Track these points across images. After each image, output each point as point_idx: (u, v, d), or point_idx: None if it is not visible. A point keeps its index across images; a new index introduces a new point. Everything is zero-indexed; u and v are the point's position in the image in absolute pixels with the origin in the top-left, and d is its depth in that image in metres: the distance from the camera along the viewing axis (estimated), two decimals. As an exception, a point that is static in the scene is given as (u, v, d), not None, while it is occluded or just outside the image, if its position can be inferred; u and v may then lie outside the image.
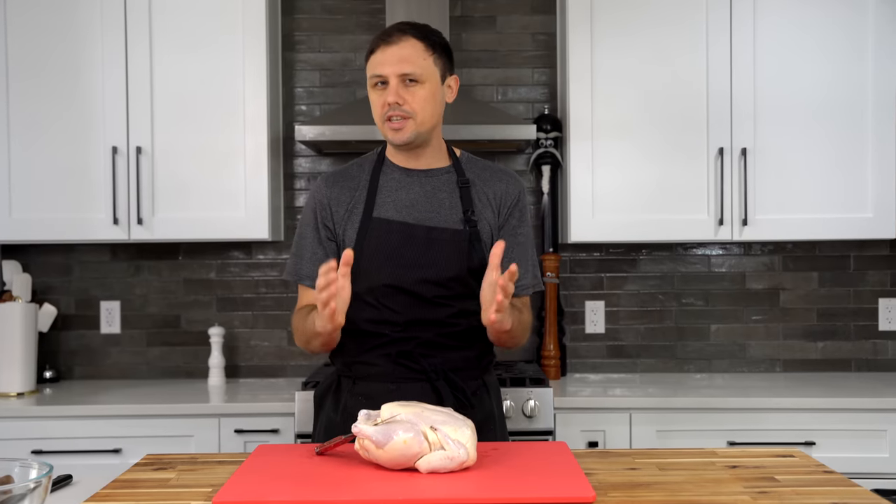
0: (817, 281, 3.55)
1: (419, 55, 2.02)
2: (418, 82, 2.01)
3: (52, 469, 1.26)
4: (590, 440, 2.97)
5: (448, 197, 2.09)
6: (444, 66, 2.08)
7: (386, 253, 2.04)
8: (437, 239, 2.04)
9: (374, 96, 2.07)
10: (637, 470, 1.73)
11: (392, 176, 2.11)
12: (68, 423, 2.95)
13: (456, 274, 2.04)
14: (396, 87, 2.01)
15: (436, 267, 2.03)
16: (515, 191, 2.14)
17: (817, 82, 3.20)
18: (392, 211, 2.07)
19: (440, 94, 2.07)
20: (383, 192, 2.09)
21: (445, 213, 2.07)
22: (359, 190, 2.10)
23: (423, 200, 2.08)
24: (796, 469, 1.74)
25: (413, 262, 2.02)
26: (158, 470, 1.75)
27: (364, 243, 2.05)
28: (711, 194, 3.21)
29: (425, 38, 2.04)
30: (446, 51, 2.09)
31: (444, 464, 1.60)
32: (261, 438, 2.95)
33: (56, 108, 3.19)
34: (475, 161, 2.17)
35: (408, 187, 2.09)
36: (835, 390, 3.12)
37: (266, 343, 3.56)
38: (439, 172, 2.12)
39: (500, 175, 2.15)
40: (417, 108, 2.02)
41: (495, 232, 2.10)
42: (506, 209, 2.11)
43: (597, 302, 3.56)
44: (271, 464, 1.71)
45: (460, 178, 2.10)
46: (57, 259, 3.54)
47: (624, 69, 3.22)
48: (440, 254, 2.03)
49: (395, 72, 2.01)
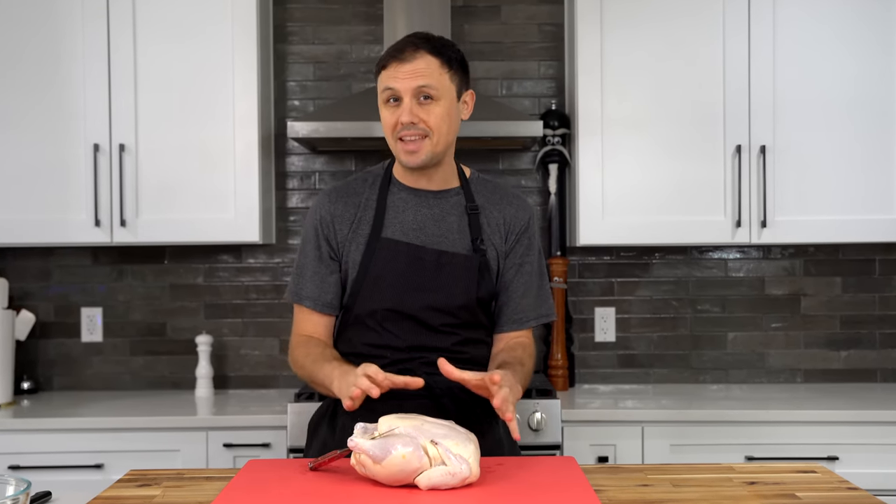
0: (840, 286, 3.55)
1: (435, 71, 2.00)
2: (434, 99, 2.00)
3: (31, 485, 1.27)
4: (599, 455, 2.97)
5: (457, 221, 2.10)
6: (461, 82, 2.07)
7: (392, 275, 2.04)
8: (448, 264, 2.05)
9: (387, 113, 2.04)
10: (649, 486, 1.73)
11: (399, 195, 2.11)
12: (47, 437, 2.94)
13: (465, 302, 2.06)
14: (411, 105, 1.99)
15: (444, 293, 2.04)
16: (525, 217, 2.15)
17: (840, 77, 3.20)
18: (399, 232, 2.07)
19: (456, 111, 2.06)
20: (390, 211, 2.09)
21: (454, 237, 2.08)
22: (363, 207, 2.10)
23: (432, 223, 2.08)
24: (818, 485, 1.74)
25: (420, 286, 2.02)
26: (143, 486, 1.75)
27: (371, 265, 2.05)
28: (728, 194, 3.21)
29: (441, 53, 2.02)
30: (462, 65, 2.07)
31: (445, 480, 1.60)
32: (251, 453, 2.95)
33: (33, 103, 3.20)
34: (485, 182, 2.17)
35: (415, 208, 2.09)
36: (859, 402, 3.12)
37: (257, 352, 3.56)
38: (448, 194, 2.12)
39: (511, 199, 2.16)
40: (434, 126, 2.00)
41: (502, 259, 2.12)
42: (513, 235, 2.13)
43: (607, 308, 3.56)
44: (262, 480, 1.71)
45: (469, 203, 2.11)
46: (35, 263, 3.54)
47: (636, 62, 3.22)
48: (449, 279, 2.04)
49: (409, 87, 1.99)
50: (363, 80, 3.54)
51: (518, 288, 2.12)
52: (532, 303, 2.14)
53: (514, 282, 2.12)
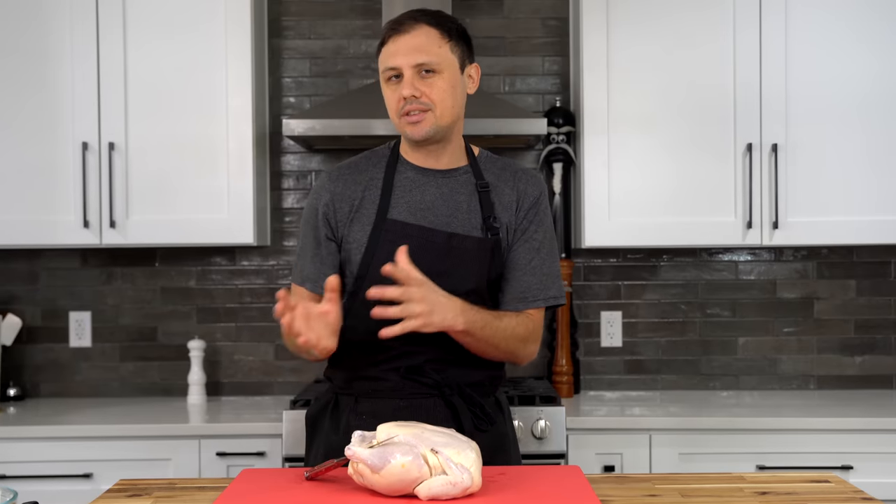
0: (855, 289, 3.55)
1: (434, 43, 2.01)
2: (435, 72, 2.01)
3: (17, 496, 1.27)
4: (606, 464, 2.97)
5: (466, 200, 2.09)
6: (463, 54, 2.08)
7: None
8: (458, 247, 2.05)
9: (389, 91, 2.05)
10: (657, 497, 1.73)
11: (406, 175, 2.11)
12: (34, 445, 2.95)
13: (475, 286, 2.05)
14: (412, 79, 2.00)
15: (454, 277, 2.02)
16: (536, 192, 2.14)
17: (855, 73, 3.20)
18: (406, 213, 2.07)
19: (460, 84, 2.07)
20: (396, 191, 2.09)
21: (463, 217, 2.08)
22: (368, 187, 2.10)
23: (441, 203, 2.08)
24: (832, 496, 1.74)
25: (428, 270, 2.01)
26: (133, 497, 1.75)
27: (377, 248, 2.05)
28: (739, 195, 3.21)
29: (440, 24, 2.04)
30: (464, 37, 2.09)
31: (446, 490, 1.60)
32: (245, 462, 2.95)
33: (20, 100, 3.20)
34: (494, 160, 2.17)
35: (423, 188, 2.09)
36: (874, 409, 3.12)
37: (251, 357, 3.56)
38: (457, 173, 2.12)
39: (521, 175, 2.16)
40: (436, 99, 2.01)
41: (511, 235, 2.11)
42: (523, 211, 2.12)
43: (613, 312, 3.56)
44: (257, 490, 1.71)
45: (479, 180, 2.11)
46: (21, 265, 3.54)
47: (643, 57, 3.22)
48: (460, 263, 2.04)
49: (409, 62, 2.00)
50: (361, 76, 3.55)
51: (523, 264, 2.09)
52: (539, 281, 2.10)
53: (521, 257, 2.09)
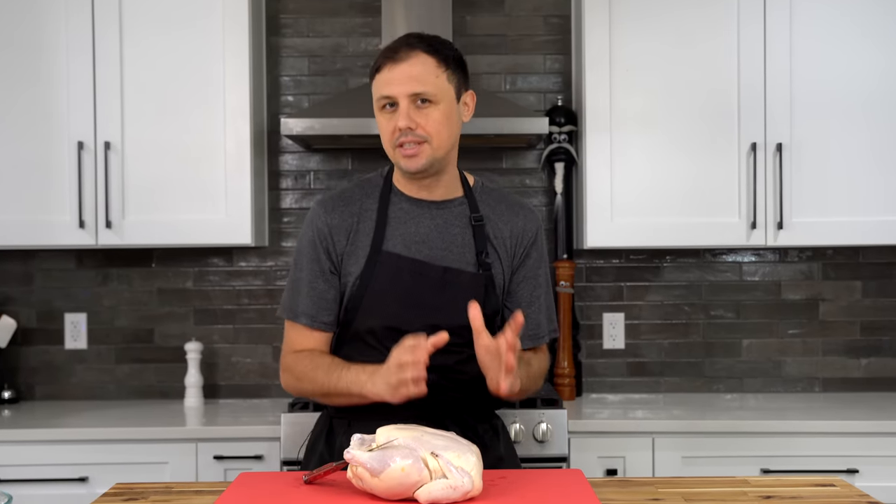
0: (861, 291, 3.55)
1: (431, 72, 2.00)
2: (432, 102, 2.00)
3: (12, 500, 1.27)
4: (608, 467, 2.97)
5: (461, 233, 2.10)
6: (460, 82, 2.07)
7: (394, 292, 2.04)
8: (453, 282, 2.06)
9: (383, 120, 2.04)
10: (660, 501, 1.73)
11: (400, 206, 2.10)
12: (29, 449, 2.94)
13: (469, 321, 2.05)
14: (407, 110, 1.98)
15: (448, 311, 2.03)
16: (533, 227, 2.16)
17: (861, 71, 3.20)
18: (400, 246, 2.07)
19: (456, 113, 2.06)
20: (391, 223, 2.09)
21: (458, 251, 2.08)
22: (362, 218, 2.09)
23: (435, 236, 2.08)
24: (837, 499, 1.74)
25: (422, 304, 2.02)
26: (129, 501, 1.75)
27: (371, 280, 2.05)
28: (743, 195, 3.21)
29: (437, 52, 2.02)
30: (461, 65, 2.08)
31: (446, 493, 1.60)
32: (243, 465, 2.94)
33: (14, 98, 3.20)
34: (489, 192, 2.18)
35: (417, 220, 2.09)
36: (880, 412, 3.12)
37: (248, 360, 3.56)
38: (452, 205, 2.12)
39: (517, 210, 2.17)
40: (432, 131, 2.00)
41: (508, 274, 2.12)
42: (522, 248, 2.14)
43: (616, 314, 3.56)
44: (254, 494, 1.71)
45: (474, 213, 2.11)
46: (16, 266, 3.54)
47: (646, 55, 3.22)
48: (454, 298, 2.03)
49: (404, 92, 1.98)
50: (360, 74, 3.55)
51: (532, 303, 2.14)
52: (546, 317, 2.18)
53: (529, 296, 2.14)
